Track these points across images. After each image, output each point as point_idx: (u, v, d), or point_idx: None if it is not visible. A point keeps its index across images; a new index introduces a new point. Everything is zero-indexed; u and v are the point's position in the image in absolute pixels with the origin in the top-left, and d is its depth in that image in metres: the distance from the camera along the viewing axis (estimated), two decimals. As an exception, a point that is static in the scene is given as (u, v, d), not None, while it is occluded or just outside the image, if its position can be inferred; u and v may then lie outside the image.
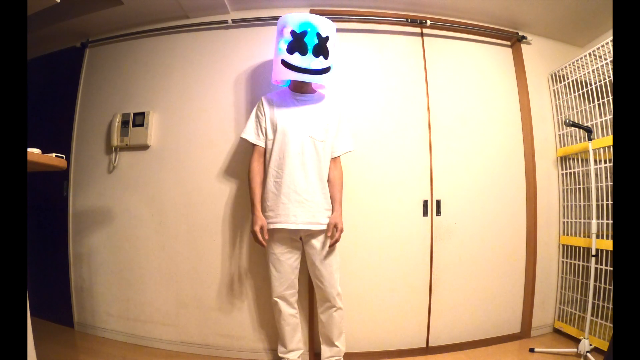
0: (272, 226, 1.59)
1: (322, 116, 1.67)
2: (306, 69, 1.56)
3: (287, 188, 1.57)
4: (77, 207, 2.19)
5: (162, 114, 2.10)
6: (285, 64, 1.56)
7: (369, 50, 2.07)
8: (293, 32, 1.56)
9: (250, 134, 1.67)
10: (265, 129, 1.65)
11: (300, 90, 1.69)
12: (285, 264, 1.63)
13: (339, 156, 1.71)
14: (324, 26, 1.60)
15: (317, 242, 1.62)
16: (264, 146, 1.66)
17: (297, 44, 1.55)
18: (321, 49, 1.58)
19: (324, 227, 1.61)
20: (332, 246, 1.61)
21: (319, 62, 1.57)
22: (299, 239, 1.66)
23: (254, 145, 1.67)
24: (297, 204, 1.57)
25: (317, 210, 1.59)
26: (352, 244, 1.93)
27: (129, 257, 2.07)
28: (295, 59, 1.55)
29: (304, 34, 1.56)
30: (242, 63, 2.04)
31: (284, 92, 1.72)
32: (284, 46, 1.58)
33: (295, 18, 1.60)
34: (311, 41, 1.56)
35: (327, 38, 1.60)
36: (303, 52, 1.55)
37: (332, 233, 1.60)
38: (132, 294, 2.06)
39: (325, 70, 1.60)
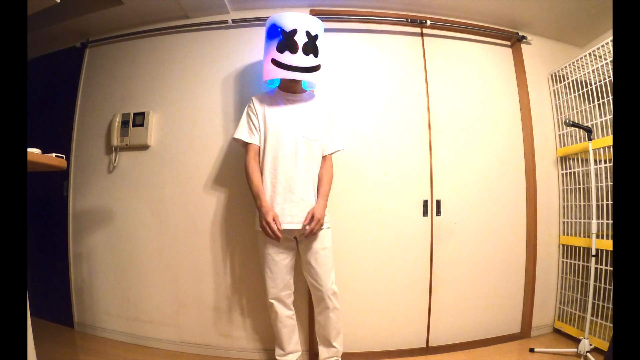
0: None
1: (314, 115, 1.67)
2: (297, 66, 1.56)
3: (282, 188, 1.57)
4: (77, 207, 2.19)
5: (162, 114, 2.10)
6: (275, 62, 1.57)
7: (369, 50, 2.07)
8: (282, 31, 1.56)
9: (244, 134, 1.65)
10: (259, 128, 1.64)
11: (290, 90, 1.69)
12: (281, 264, 1.62)
13: (330, 155, 1.71)
14: (313, 25, 1.61)
15: (311, 242, 1.61)
16: (258, 144, 1.65)
17: (287, 42, 1.55)
18: (311, 47, 1.58)
19: (320, 227, 1.60)
20: (307, 236, 1.56)
21: (309, 60, 1.58)
22: (293, 239, 1.65)
23: (247, 144, 1.65)
24: (293, 204, 1.57)
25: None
26: (352, 244, 1.93)
27: (129, 257, 2.07)
28: (286, 57, 1.55)
29: (294, 32, 1.56)
30: (242, 63, 2.04)
31: (273, 93, 1.72)
32: (273, 45, 1.58)
33: (284, 17, 1.59)
34: (301, 39, 1.56)
35: (316, 36, 1.60)
36: (293, 51, 1.55)
37: (309, 223, 1.54)
38: (132, 294, 2.06)
39: (316, 68, 1.61)
